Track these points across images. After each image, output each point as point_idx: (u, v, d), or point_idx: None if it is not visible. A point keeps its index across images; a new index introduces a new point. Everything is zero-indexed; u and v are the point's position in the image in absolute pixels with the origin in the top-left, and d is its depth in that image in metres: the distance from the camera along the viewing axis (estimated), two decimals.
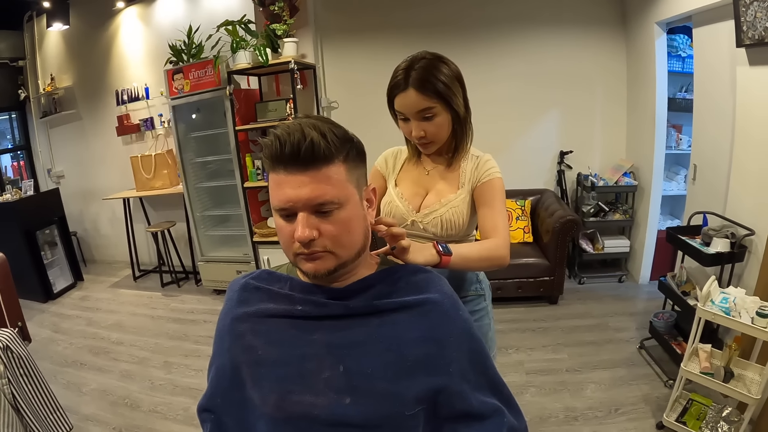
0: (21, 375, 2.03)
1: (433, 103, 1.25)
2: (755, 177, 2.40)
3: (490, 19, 4.01)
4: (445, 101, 1.26)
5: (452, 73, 1.28)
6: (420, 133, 1.29)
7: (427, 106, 1.25)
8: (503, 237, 1.28)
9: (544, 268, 3.51)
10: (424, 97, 1.24)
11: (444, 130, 1.32)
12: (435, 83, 1.23)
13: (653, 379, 2.62)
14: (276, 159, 0.75)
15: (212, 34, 3.64)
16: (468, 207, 1.37)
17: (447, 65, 1.28)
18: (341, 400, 0.76)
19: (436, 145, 1.35)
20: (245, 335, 0.85)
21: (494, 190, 1.34)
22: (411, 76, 1.24)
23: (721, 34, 2.69)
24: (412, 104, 1.26)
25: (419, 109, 1.26)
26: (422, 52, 1.28)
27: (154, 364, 3.16)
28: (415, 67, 1.24)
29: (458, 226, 1.36)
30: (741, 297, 1.97)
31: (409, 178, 1.46)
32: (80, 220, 5.46)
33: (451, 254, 1.12)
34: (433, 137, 1.31)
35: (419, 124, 1.29)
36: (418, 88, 1.23)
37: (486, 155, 1.41)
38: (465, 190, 1.37)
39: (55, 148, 5.34)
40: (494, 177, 1.35)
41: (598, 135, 4.14)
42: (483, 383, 0.84)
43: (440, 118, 1.28)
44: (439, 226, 1.36)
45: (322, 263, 0.79)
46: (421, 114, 1.27)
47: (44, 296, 4.39)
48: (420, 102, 1.25)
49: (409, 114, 1.28)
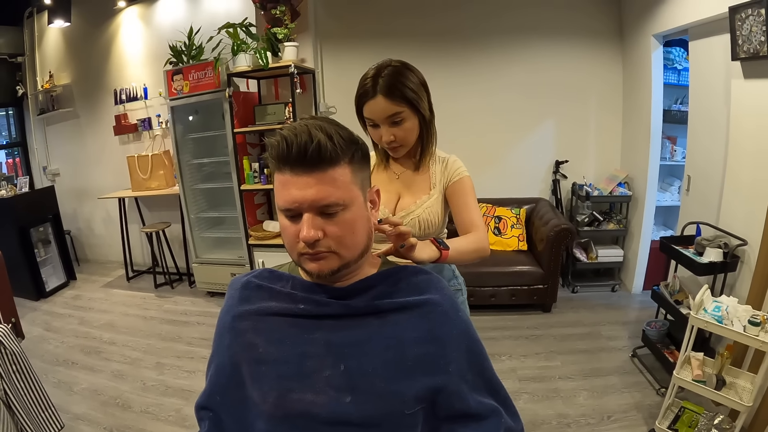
0: (14, 372, 2.01)
1: (402, 108, 1.30)
2: (748, 188, 2.43)
3: (488, 30, 4.05)
4: (412, 106, 1.31)
5: (417, 79, 1.33)
6: (390, 138, 1.34)
7: (396, 111, 1.29)
8: (483, 230, 1.40)
9: (538, 276, 3.53)
10: (393, 103, 1.28)
11: (412, 134, 1.37)
12: (402, 89, 1.28)
13: (645, 387, 2.63)
14: (282, 160, 0.75)
15: (213, 35, 3.65)
16: (441, 206, 1.45)
17: (412, 72, 1.33)
18: (341, 399, 0.76)
19: (405, 148, 1.40)
20: (246, 333, 0.85)
21: (465, 188, 1.44)
22: (379, 84, 1.28)
23: (716, 47, 2.73)
24: (381, 110, 1.30)
25: (388, 114, 1.30)
26: (387, 60, 1.33)
27: (146, 365, 3.14)
28: (382, 74, 1.29)
29: (434, 225, 1.44)
30: (733, 306, 1.99)
31: (380, 184, 1.47)
32: (74, 218, 5.44)
33: (448, 249, 1.20)
34: (403, 141, 1.36)
35: (389, 129, 1.33)
36: (386, 94, 1.27)
37: (452, 156, 1.49)
38: (437, 191, 1.44)
39: (52, 146, 5.32)
40: (463, 176, 1.45)
41: (594, 145, 4.18)
42: (481, 384, 0.85)
43: (408, 123, 1.33)
44: (417, 227, 1.42)
45: (326, 263, 0.80)
46: (390, 119, 1.31)
47: (36, 294, 4.36)
48: (389, 108, 1.29)
49: (378, 120, 1.32)
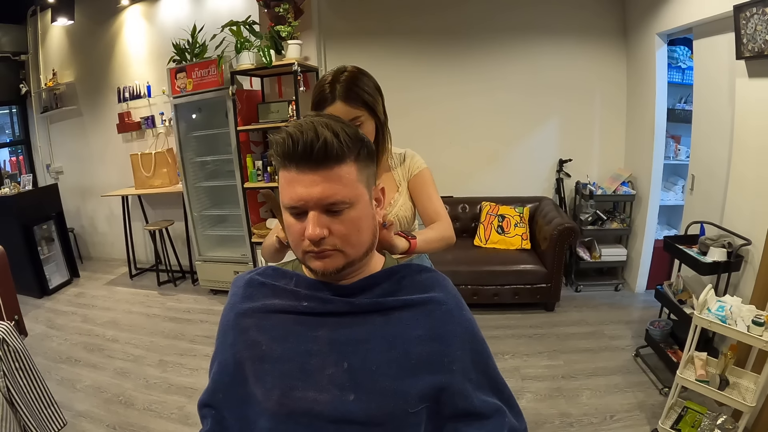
0: (17, 369, 2.02)
1: (360, 112, 1.33)
2: (752, 188, 2.42)
3: (492, 28, 4.04)
4: (370, 110, 1.35)
5: (373, 84, 1.38)
6: None
7: (356, 115, 1.33)
8: (447, 219, 1.47)
9: (542, 275, 3.53)
10: (352, 107, 1.32)
11: (370, 137, 1.38)
12: (360, 94, 1.32)
13: (648, 387, 2.63)
14: (288, 157, 0.75)
15: (216, 34, 3.65)
16: (410, 200, 1.52)
17: (368, 77, 1.38)
18: (345, 397, 0.76)
19: None
20: (249, 330, 0.85)
21: (425, 179, 1.52)
22: (337, 89, 1.31)
23: (721, 46, 2.72)
24: (341, 114, 1.30)
25: (348, 119, 1.30)
26: (342, 66, 1.37)
27: (149, 363, 3.15)
28: (339, 80, 1.32)
29: (410, 219, 1.51)
30: (737, 305, 1.98)
31: None
32: (78, 216, 5.45)
33: (416, 238, 1.28)
34: None
35: None
36: (345, 99, 1.31)
37: (408, 150, 1.56)
38: (404, 187, 1.52)
39: (55, 144, 5.33)
40: (422, 168, 1.53)
41: (597, 144, 4.17)
42: (485, 383, 0.85)
43: (366, 126, 1.36)
44: (398, 225, 1.47)
45: (331, 261, 0.79)
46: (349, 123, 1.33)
47: (40, 292, 4.38)
48: (348, 112, 1.32)
49: None
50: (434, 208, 1.49)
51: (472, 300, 3.57)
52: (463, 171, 4.34)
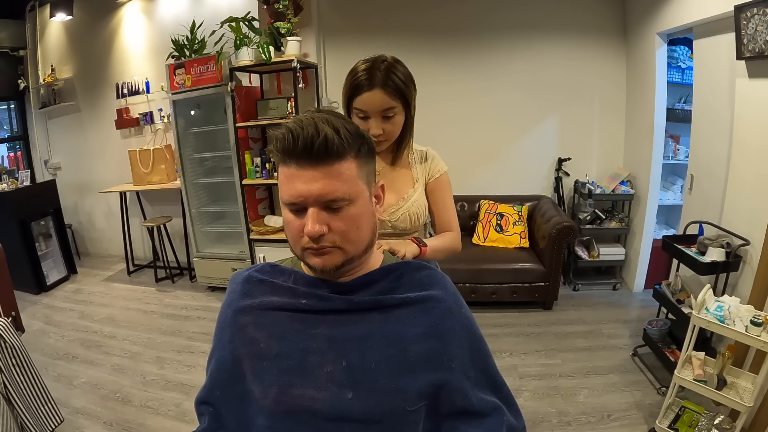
0: (13, 365, 2.02)
1: (396, 103, 1.32)
2: (751, 188, 2.42)
3: (492, 26, 4.04)
4: (405, 101, 1.34)
5: (409, 74, 1.37)
6: (379, 131, 1.34)
7: (391, 105, 1.32)
8: (457, 230, 1.51)
9: (540, 273, 3.53)
10: (390, 97, 1.30)
11: (399, 130, 1.39)
12: (398, 84, 1.31)
13: (646, 386, 2.63)
14: (288, 153, 0.74)
15: (215, 30, 3.63)
16: (425, 199, 1.50)
17: (404, 67, 1.36)
18: (343, 395, 0.76)
19: (388, 143, 1.41)
20: (247, 327, 0.84)
21: (444, 186, 1.52)
22: (376, 76, 1.29)
23: (721, 46, 2.72)
24: (377, 103, 1.30)
25: (384, 108, 1.31)
26: (382, 55, 1.35)
27: (147, 359, 3.14)
28: (380, 68, 1.30)
29: (423, 216, 1.48)
30: (735, 305, 1.98)
31: None
32: (76, 212, 5.44)
33: (426, 246, 1.34)
34: (389, 135, 1.38)
35: (379, 122, 1.34)
36: (384, 87, 1.29)
37: (429, 150, 1.54)
38: (420, 184, 1.49)
39: (53, 140, 5.31)
40: (443, 173, 1.52)
41: (596, 143, 4.17)
42: (483, 381, 0.85)
43: (399, 118, 1.36)
44: (408, 221, 1.45)
45: (330, 258, 0.79)
46: (383, 113, 1.32)
47: (37, 288, 4.37)
48: (385, 101, 1.30)
49: (371, 112, 1.32)
50: (448, 217, 1.50)
51: (470, 298, 3.57)
52: (461, 169, 4.32)
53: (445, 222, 1.50)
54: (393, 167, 1.49)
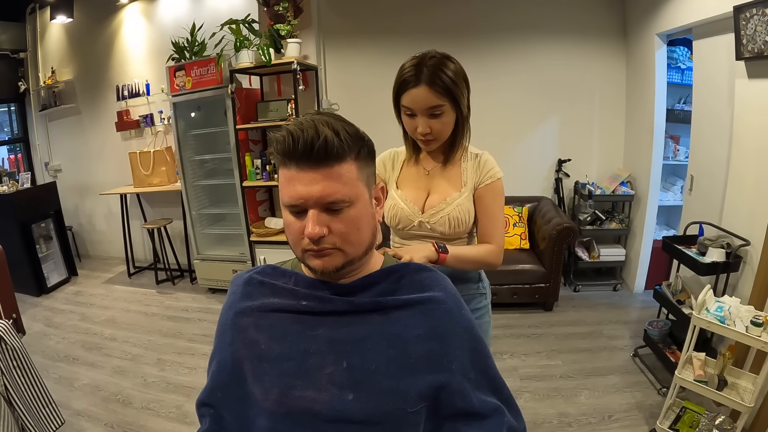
0: (14, 367, 2.02)
1: (443, 101, 1.27)
2: (751, 188, 2.42)
3: (491, 28, 4.04)
4: (453, 100, 1.28)
5: (461, 73, 1.31)
6: (426, 130, 1.30)
7: (438, 103, 1.27)
8: (499, 244, 1.39)
9: (540, 274, 3.53)
10: (436, 95, 1.26)
11: (448, 129, 1.34)
12: (446, 81, 1.25)
13: (647, 387, 2.63)
14: (288, 155, 0.74)
15: (216, 32, 3.64)
16: (472, 205, 1.40)
17: (455, 64, 1.31)
18: (343, 396, 0.76)
19: (438, 142, 1.36)
20: (248, 329, 0.84)
21: (495, 194, 1.40)
22: (423, 73, 1.25)
23: (720, 46, 2.72)
24: (423, 100, 1.27)
25: (430, 105, 1.27)
26: (432, 51, 1.31)
27: (147, 361, 3.15)
28: (427, 63, 1.26)
29: (465, 223, 1.39)
30: (736, 306, 1.98)
31: (410, 179, 1.47)
32: (76, 214, 5.44)
33: (447, 253, 1.26)
34: (438, 135, 1.33)
35: (427, 120, 1.30)
36: (430, 84, 1.25)
37: (485, 154, 1.46)
38: (468, 189, 1.40)
39: (54, 142, 5.32)
40: (496, 179, 1.41)
41: (596, 144, 4.17)
42: (483, 382, 0.84)
43: (447, 117, 1.30)
44: (447, 225, 1.38)
45: (330, 260, 0.79)
46: (430, 111, 1.28)
47: (38, 290, 4.37)
48: (431, 99, 1.26)
49: (418, 110, 1.29)
50: (492, 228, 1.39)
51: None
52: None
53: (487, 233, 1.40)
54: (444, 168, 1.43)
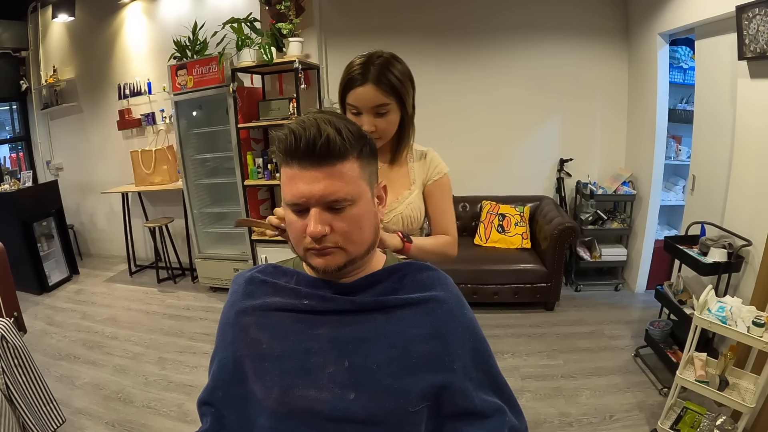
0: (16, 366, 2.02)
1: (389, 100, 1.29)
2: (753, 189, 2.42)
3: (494, 26, 4.03)
4: (399, 99, 1.31)
5: (407, 73, 1.34)
6: (371, 128, 1.31)
7: (384, 102, 1.28)
8: (454, 236, 1.45)
9: (542, 274, 3.52)
10: (382, 93, 1.27)
11: (393, 127, 1.36)
12: (393, 81, 1.28)
13: (648, 387, 2.63)
14: (290, 153, 0.74)
15: (217, 31, 3.64)
16: (422, 202, 1.44)
17: (402, 64, 1.33)
18: (345, 396, 0.76)
19: (383, 141, 1.37)
20: (249, 328, 0.84)
21: (444, 189, 1.45)
22: (370, 72, 1.27)
23: (723, 46, 2.71)
24: (369, 99, 1.28)
25: (375, 104, 1.28)
26: (379, 51, 1.33)
27: (148, 360, 3.15)
28: (374, 63, 1.28)
29: (418, 220, 1.43)
30: (737, 306, 1.98)
31: None
32: (78, 213, 5.44)
33: (411, 242, 1.31)
34: (383, 133, 1.34)
35: (372, 119, 1.31)
36: (376, 83, 1.26)
37: (431, 151, 1.48)
38: (417, 186, 1.43)
39: (55, 141, 5.32)
40: (443, 174, 1.45)
41: (598, 144, 4.17)
42: (485, 382, 0.84)
43: (392, 115, 1.32)
44: (401, 223, 1.40)
45: (332, 259, 0.79)
46: (375, 109, 1.29)
47: (39, 288, 4.37)
48: (377, 97, 1.27)
49: (363, 108, 1.30)
50: (445, 223, 1.44)
51: (472, 299, 3.57)
52: (463, 170, 4.32)
53: (442, 227, 1.44)
54: (391, 167, 1.45)
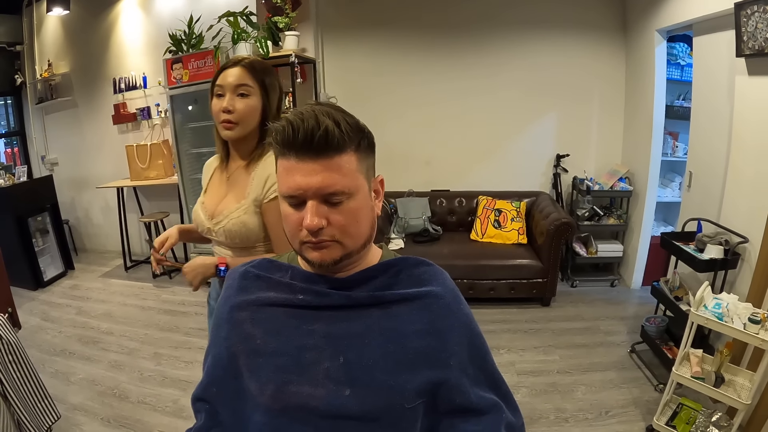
0: (10, 362, 2.01)
1: (253, 84, 1.33)
2: (750, 185, 2.42)
3: (491, 22, 4.03)
4: (263, 88, 1.34)
5: (277, 76, 1.40)
6: (228, 107, 1.31)
7: (247, 82, 1.32)
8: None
9: (538, 270, 3.53)
10: (248, 74, 1.32)
11: (251, 116, 1.35)
12: (261, 70, 1.35)
13: (644, 383, 2.63)
14: (287, 145, 0.73)
15: (213, 24, 3.62)
16: (253, 216, 1.37)
17: (275, 72, 1.41)
18: (340, 392, 0.75)
19: (239, 128, 1.34)
20: (244, 324, 0.83)
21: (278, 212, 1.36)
22: (243, 60, 1.34)
23: (721, 43, 2.71)
24: (233, 77, 1.32)
25: (238, 83, 1.32)
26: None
27: (144, 355, 3.14)
28: (250, 59, 1.36)
29: (243, 236, 1.38)
30: (734, 303, 1.98)
31: (215, 185, 1.50)
32: (73, 208, 5.41)
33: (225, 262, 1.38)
34: (240, 117, 1.33)
35: (232, 98, 1.32)
36: (245, 66, 1.33)
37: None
38: (248, 202, 1.37)
39: (50, 135, 5.28)
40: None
41: (595, 139, 4.17)
42: (482, 378, 0.84)
43: (253, 100, 1.34)
44: (224, 236, 1.40)
45: (328, 252, 0.77)
46: (237, 89, 1.32)
47: (34, 284, 4.35)
48: (242, 76, 1.32)
49: (227, 87, 1.32)
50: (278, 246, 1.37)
51: (468, 294, 3.57)
52: (460, 165, 4.33)
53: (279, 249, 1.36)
54: (244, 172, 1.40)
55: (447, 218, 4.21)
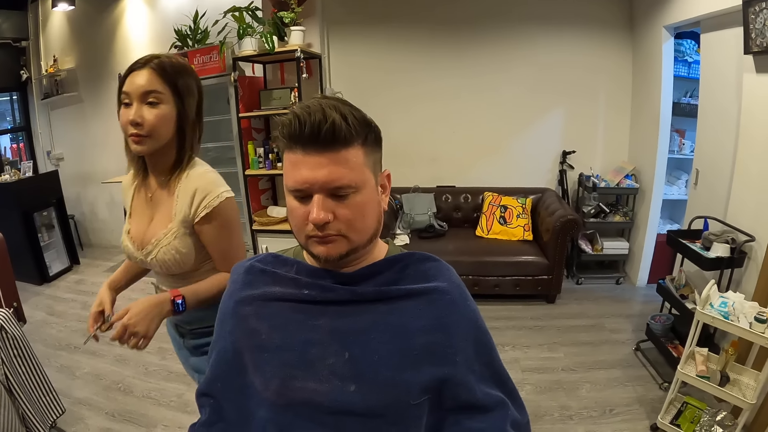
0: (15, 356, 2.02)
1: (164, 89, 1.14)
2: (757, 184, 2.40)
3: (498, 19, 4.01)
4: (176, 92, 1.16)
5: (194, 76, 1.22)
6: (136, 119, 1.12)
7: (156, 88, 1.13)
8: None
9: (543, 266, 3.52)
10: (157, 78, 1.13)
11: (164, 127, 1.16)
12: (174, 72, 1.15)
13: (648, 381, 2.62)
14: (294, 138, 0.73)
15: (218, 19, 3.62)
16: (185, 239, 1.23)
17: (192, 69, 1.23)
18: (345, 388, 0.75)
19: (150, 142, 1.16)
20: (249, 318, 0.83)
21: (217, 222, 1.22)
22: (152, 61, 1.14)
23: (728, 40, 2.69)
24: (140, 83, 1.12)
25: (147, 89, 1.12)
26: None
27: (148, 350, 3.10)
28: (161, 57, 1.16)
29: (180, 263, 1.25)
30: (740, 302, 1.97)
31: (138, 207, 1.32)
32: (78, 203, 5.43)
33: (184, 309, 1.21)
34: (150, 130, 1.14)
35: (139, 107, 1.13)
36: (154, 69, 1.13)
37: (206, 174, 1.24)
38: (176, 223, 1.22)
39: (56, 130, 5.30)
40: (215, 206, 1.20)
41: (601, 136, 4.15)
42: (488, 375, 0.83)
43: (165, 109, 1.15)
44: (158, 267, 1.26)
45: (334, 247, 0.77)
46: (146, 96, 1.13)
47: (40, 279, 4.37)
48: (151, 81, 1.12)
49: (134, 94, 1.12)
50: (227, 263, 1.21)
51: (473, 290, 3.50)
52: (465, 161, 4.32)
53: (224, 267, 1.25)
54: (164, 191, 1.24)
55: (452, 214, 4.20)
